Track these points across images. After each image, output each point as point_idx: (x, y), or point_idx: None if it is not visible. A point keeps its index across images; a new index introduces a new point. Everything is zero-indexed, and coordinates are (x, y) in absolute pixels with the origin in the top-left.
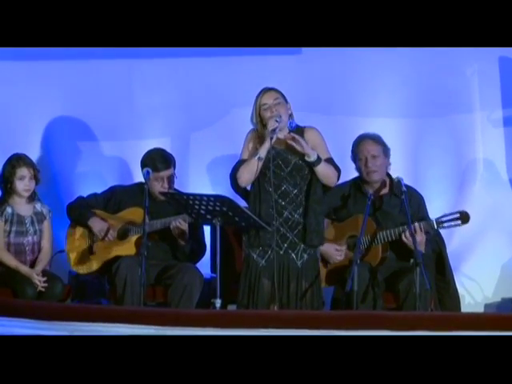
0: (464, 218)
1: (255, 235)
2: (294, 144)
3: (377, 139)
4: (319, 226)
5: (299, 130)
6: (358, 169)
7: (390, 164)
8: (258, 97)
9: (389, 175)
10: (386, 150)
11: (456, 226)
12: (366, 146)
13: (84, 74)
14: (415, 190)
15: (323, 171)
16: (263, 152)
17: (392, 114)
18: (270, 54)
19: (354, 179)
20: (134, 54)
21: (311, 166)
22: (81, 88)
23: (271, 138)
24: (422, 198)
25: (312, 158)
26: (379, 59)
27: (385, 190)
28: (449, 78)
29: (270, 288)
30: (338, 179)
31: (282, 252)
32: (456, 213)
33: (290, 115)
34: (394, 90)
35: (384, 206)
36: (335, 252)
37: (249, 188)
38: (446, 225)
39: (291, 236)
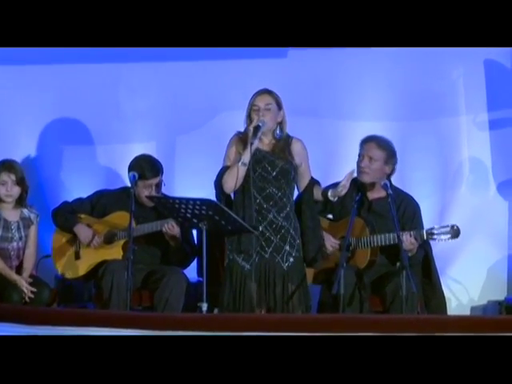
0: (454, 232)
1: (237, 241)
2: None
3: (382, 144)
4: (320, 233)
5: (286, 139)
6: (356, 166)
7: (392, 170)
8: (252, 96)
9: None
10: (388, 157)
11: (446, 239)
12: (368, 147)
13: (70, 79)
14: (412, 199)
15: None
16: (246, 158)
17: (378, 117)
18: (256, 57)
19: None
20: (120, 58)
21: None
22: (67, 92)
23: (251, 144)
24: (419, 207)
25: None
26: (365, 63)
27: (382, 194)
28: (434, 81)
29: (256, 292)
30: None
31: (267, 255)
32: (447, 226)
33: (280, 123)
34: (380, 93)
35: (379, 210)
36: (329, 245)
37: (233, 195)
38: (435, 237)
39: (276, 239)
